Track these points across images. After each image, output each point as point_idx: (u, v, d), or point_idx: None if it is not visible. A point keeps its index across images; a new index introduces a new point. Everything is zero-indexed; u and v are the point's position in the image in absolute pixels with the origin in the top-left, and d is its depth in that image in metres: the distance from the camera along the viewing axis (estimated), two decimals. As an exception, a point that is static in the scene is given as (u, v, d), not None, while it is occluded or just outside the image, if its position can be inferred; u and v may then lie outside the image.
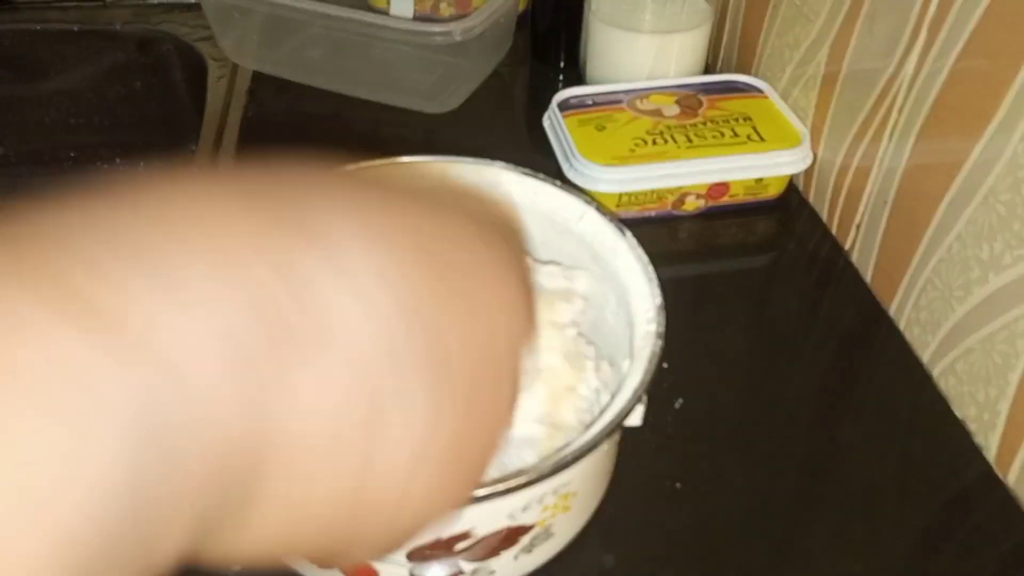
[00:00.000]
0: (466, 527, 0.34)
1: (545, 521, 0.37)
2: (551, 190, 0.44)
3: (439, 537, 0.34)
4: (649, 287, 0.39)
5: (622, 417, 0.34)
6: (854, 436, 0.49)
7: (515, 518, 0.35)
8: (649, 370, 0.35)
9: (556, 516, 0.37)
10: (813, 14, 0.63)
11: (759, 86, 0.68)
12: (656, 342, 0.36)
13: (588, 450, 0.32)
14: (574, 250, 0.44)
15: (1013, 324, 0.45)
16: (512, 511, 0.34)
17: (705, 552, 0.43)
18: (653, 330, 0.37)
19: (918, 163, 0.53)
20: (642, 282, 0.39)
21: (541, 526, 0.37)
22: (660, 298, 0.38)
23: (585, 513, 0.41)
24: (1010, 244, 0.45)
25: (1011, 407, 0.45)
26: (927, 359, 0.52)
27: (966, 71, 0.48)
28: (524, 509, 0.35)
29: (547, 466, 0.31)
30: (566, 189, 0.44)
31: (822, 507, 0.45)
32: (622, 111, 0.65)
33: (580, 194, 0.44)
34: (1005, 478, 0.46)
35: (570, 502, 0.37)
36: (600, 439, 0.33)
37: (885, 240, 0.57)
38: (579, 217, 0.43)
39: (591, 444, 0.32)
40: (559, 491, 0.36)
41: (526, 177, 0.45)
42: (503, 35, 0.78)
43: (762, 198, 0.64)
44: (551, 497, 0.35)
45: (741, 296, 0.59)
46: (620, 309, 0.41)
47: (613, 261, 0.41)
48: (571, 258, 0.44)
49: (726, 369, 0.53)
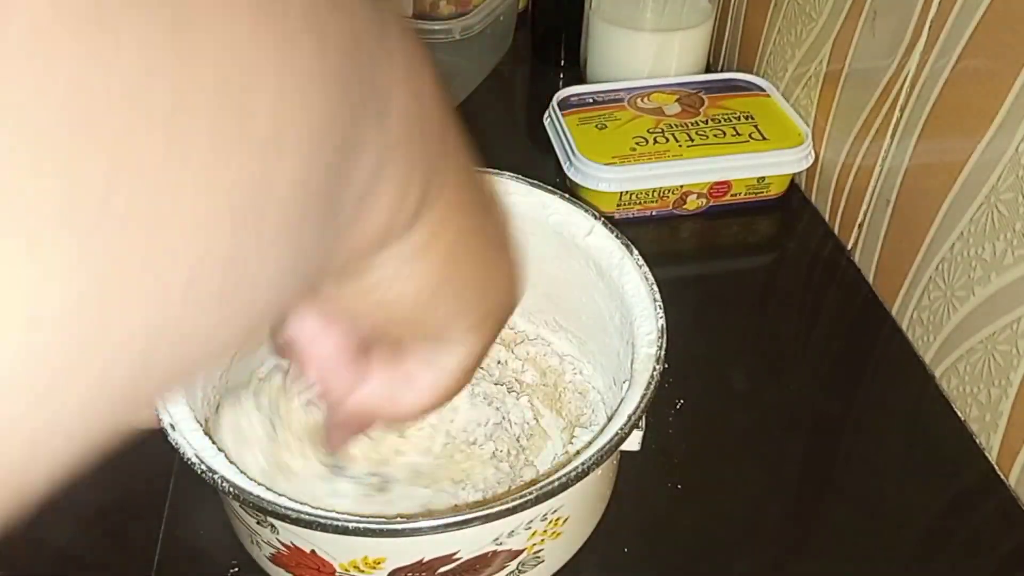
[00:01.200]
0: (450, 550, 0.33)
1: (534, 547, 0.36)
2: (560, 204, 0.43)
3: (422, 559, 0.33)
4: (653, 308, 0.38)
5: (616, 443, 0.32)
6: (856, 436, 0.49)
7: (501, 543, 0.34)
8: (647, 396, 0.34)
9: (546, 542, 0.36)
10: (815, 12, 0.63)
11: (761, 85, 0.68)
12: (655, 367, 0.35)
13: (578, 478, 0.31)
14: (580, 266, 0.43)
15: (1015, 324, 0.45)
16: (497, 536, 0.33)
17: (706, 552, 0.43)
18: (653, 353, 0.36)
19: (920, 162, 0.53)
20: (646, 302, 0.38)
21: (530, 552, 0.36)
22: (663, 320, 0.37)
23: (579, 538, 0.40)
24: (1012, 244, 0.45)
25: (1013, 408, 0.45)
26: (929, 359, 0.52)
27: (968, 71, 0.47)
28: (510, 535, 0.34)
29: (532, 493, 0.30)
30: (574, 203, 0.43)
31: (823, 508, 0.45)
32: (623, 110, 0.65)
33: (588, 208, 0.43)
34: (1006, 479, 0.46)
35: (561, 528, 0.36)
36: (591, 466, 0.31)
37: (887, 240, 0.56)
38: (587, 232, 0.42)
39: (581, 471, 0.31)
40: (548, 517, 0.35)
41: (535, 189, 0.44)
42: (503, 33, 0.78)
43: (764, 197, 0.64)
44: (539, 523, 0.34)
45: (742, 296, 0.59)
46: (623, 328, 0.40)
47: (619, 279, 0.41)
48: (578, 274, 0.43)
49: (727, 369, 0.53)
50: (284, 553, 0.35)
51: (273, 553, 0.36)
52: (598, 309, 0.43)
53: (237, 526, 0.39)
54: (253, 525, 0.35)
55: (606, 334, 0.43)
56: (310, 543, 0.33)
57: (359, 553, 0.33)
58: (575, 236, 0.43)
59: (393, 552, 0.33)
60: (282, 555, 0.35)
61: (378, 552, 0.33)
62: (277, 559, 0.36)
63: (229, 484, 0.30)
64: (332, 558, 0.34)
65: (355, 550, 0.33)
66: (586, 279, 0.43)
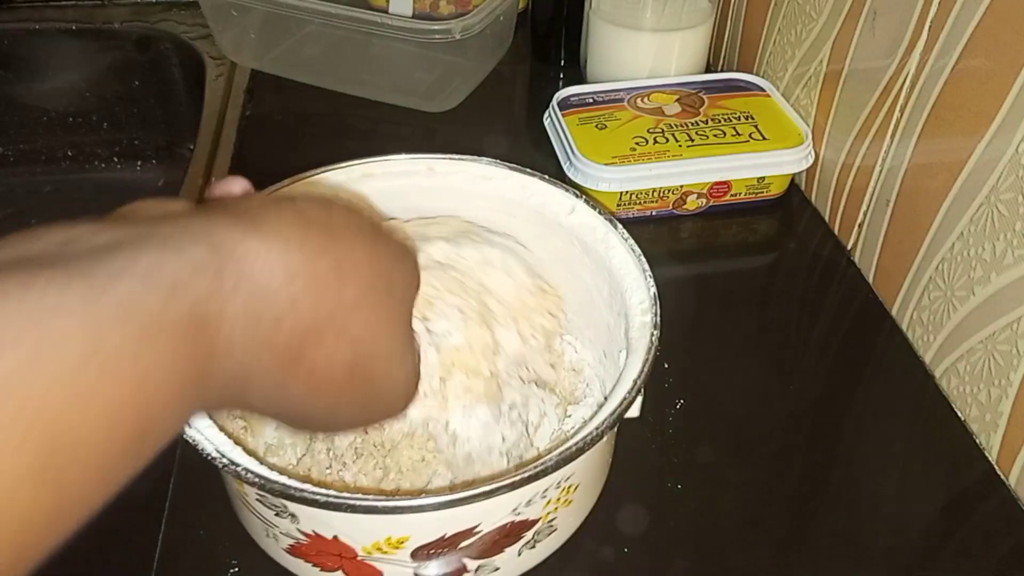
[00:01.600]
0: (471, 523, 0.34)
1: (548, 515, 0.37)
2: (540, 185, 0.44)
3: (444, 534, 0.34)
4: (643, 278, 0.39)
5: (624, 408, 0.34)
6: (855, 436, 0.49)
7: (519, 513, 0.35)
8: (647, 360, 0.35)
9: (559, 510, 0.37)
10: (815, 12, 0.63)
11: (761, 85, 0.68)
12: (653, 332, 0.36)
13: (592, 442, 0.32)
14: (564, 244, 0.44)
15: (1015, 324, 0.45)
16: (516, 506, 0.34)
17: (706, 552, 0.43)
18: (649, 320, 0.37)
19: (920, 162, 0.53)
20: (636, 273, 0.39)
21: (544, 520, 0.37)
22: (654, 288, 0.38)
23: (587, 506, 0.41)
24: (1012, 244, 0.45)
25: (1013, 408, 0.45)
26: (929, 359, 0.52)
27: (968, 70, 0.47)
28: (528, 504, 0.35)
29: (551, 459, 0.31)
30: (555, 183, 0.44)
31: (823, 508, 0.45)
32: (623, 110, 0.65)
33: (569, 187, 0.44)
34: (1006, 479, 0.46)
35: (572, 495, 0.37)
36: (603, 431, 0.33)
37: (887, 240, 0.56)
38: (569, 211, 0.43)
39: (595, 436, 0.32)
40: (562, 484, 0.36)
41: (514, 172, 0.45)
42: (503, 33, 0.77)
43: (764, 197, 0.64)
44: (554, 491, 0.35)
45: (742, 296, 0.59)
46: (613, 301, 0.41)
47: (605, 253, 0.41)
48: (561, 252, 0.44)
49: (727, 369, 0.53)
50: (304, 543, 0.35)
51: (292, 544, 0.36)
52: (585, 285, 0.44)
53: (249, 521, 0.38)
54: (271, 517, 0.35)
55: (594, 308, 0.44)
56: (332, 528, 0.34)
57: (382, 534, 0.33)
58: (557, 215, 0.43)
59: (416, 530, 0.33)
60: (302, 546, 0.36)
61: (401, 531, 0.33)
62: (296, 550, 0.36)
63: (254, 475, 0.30)
64: (355, 542, 0.34)
65: (378, 531, 0.33)
66: (570, 256, 0.44)
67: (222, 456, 0.31)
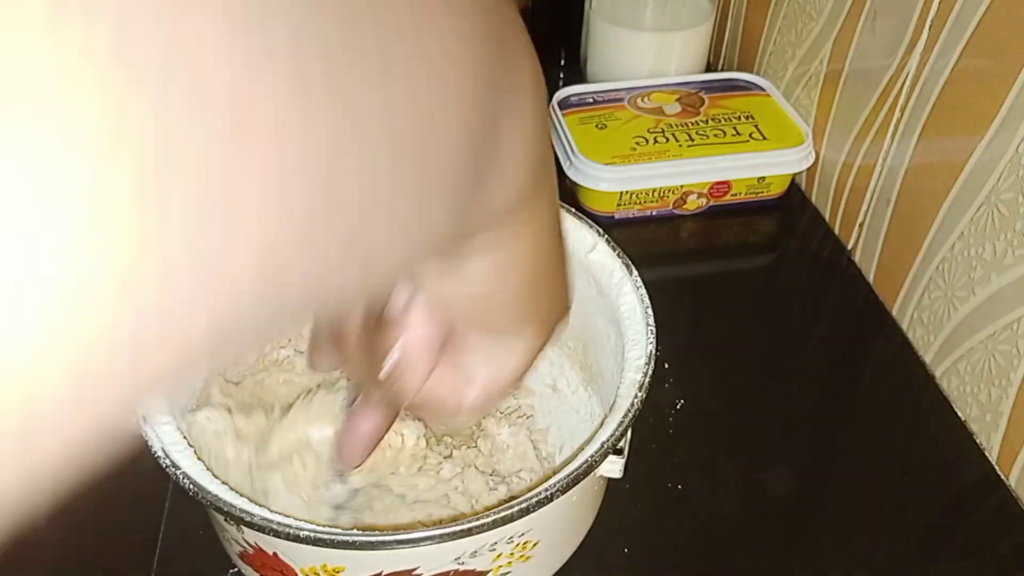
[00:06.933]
0: (409, 565, 0.32)
1: (500, 569, 0.35)
2: (564, 218, 0.43)
3: (381, 572, 0.32)
4: (645, 332, 0.37)
5: (585, 471, 0.31)
6: (856, 437, 0.49)
7: (463, 563, 0.33)
8: (623, 424, 0.33)
9: (514, 565, 0.35)
10: (815, 12, 0.63)
11: (761, 84, 0.68)
12: (636, 395, 0.34)
13: (540, 504, 0.30)
14: (581, 283, 0.42)
15: (1015, 324, 0.45)
16: (459, 556, 0.32)
17: (706, 552, 0.43)
18: (637, 380, 0.35)
19: (920, 162, 0.53)
20: (639, 327, 0.37)
21: (496, 573, 0.35)
22: (652, 346, 0.36)
23: (553, 562, 0.39)
24: (1012, 244, 0.45)
25: (1013, 408, 0.45)
26: (929, 359, 0.52)
27: (968, 70, 0.47)
28: (473, 555, 0.33)
29: (488, 517, 0.29)
30: (579, 218, 0.42)
31: (823, 508, 0.45)
32: (623, 109, 0.65)
33: (592, 224, 0.42)
34: (1006, 479, 0.46)
35: (531, 551, 0.35)
36: (555, 493, 0.30)
37: (888, 240, 0.56)
38: (590, 248, 0.41)
39: (544, 498, 0.30)
40: (515, 540, 0.34)
41: None
42: (503, 33, 0.77)
43: (764, 197, 0.64)
44: (505, 545, 0.33)
45: (743, 296, 0.59)
46: (617, 351, 0.39)
47: (617, 299, 0.40)
48: (579, 290, 0.43)
49: (727, 369, 0.53)
50: (250, 553, 0.35)
51: (240, 551, 0.36)
52: (598, 330, 0.42)
53: (214, 522, 0.39)
54: (222, 521, 0.35)
55: (603, 355, 0.42)
56: (272, 546, 0.33)
57: (319, 560, 0.32)
58: (578, 252, 0.41)
59: (352, 563, 0.32)
60: (248, 554, 0.35)
61: (337, 561, 0.32)
62: (244, 557, 0.36)
63: (190, 482, 0.30)
64: (293, 562, 0.33)
65: (315, 557, 0.32)
66: (586, 296, 0.42)
67: (166, 456, 0.31)
